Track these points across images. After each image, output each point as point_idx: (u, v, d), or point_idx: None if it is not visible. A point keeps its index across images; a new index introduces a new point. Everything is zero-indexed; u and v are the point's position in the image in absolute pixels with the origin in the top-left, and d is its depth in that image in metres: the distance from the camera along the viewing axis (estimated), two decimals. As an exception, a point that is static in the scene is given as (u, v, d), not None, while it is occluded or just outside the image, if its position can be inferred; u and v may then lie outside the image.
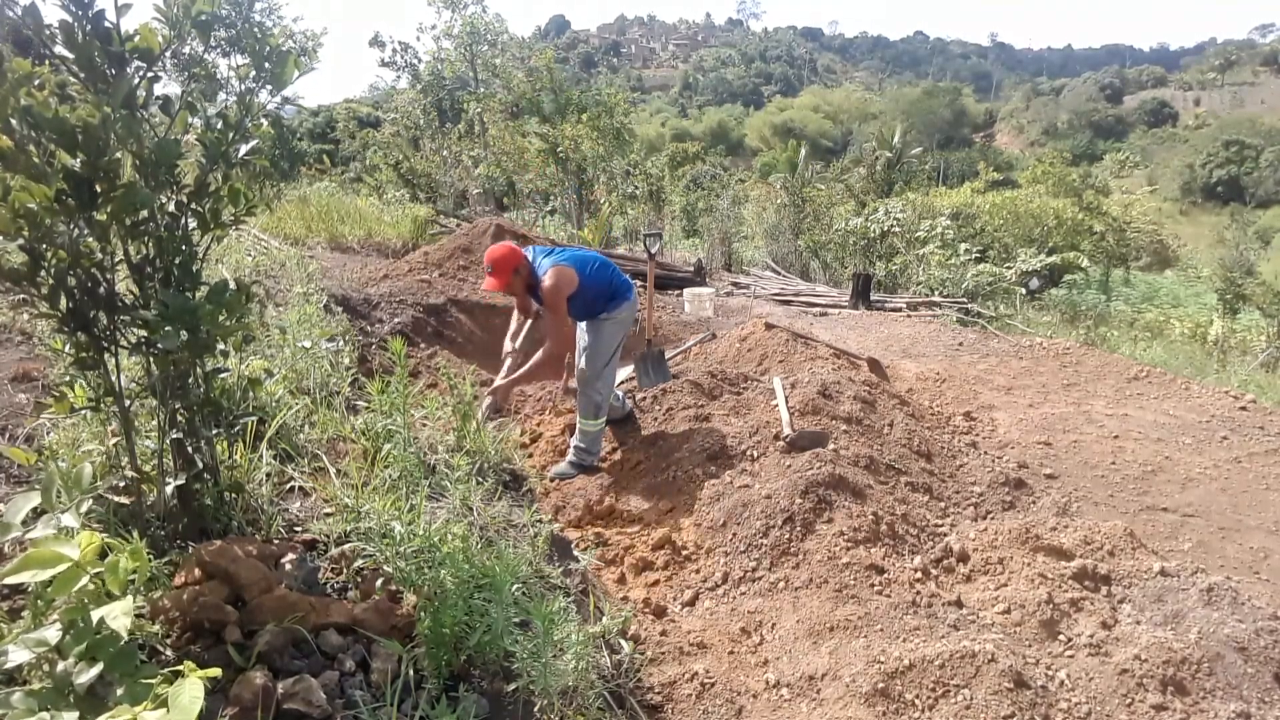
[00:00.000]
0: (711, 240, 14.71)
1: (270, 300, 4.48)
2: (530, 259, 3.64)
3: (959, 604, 2.68)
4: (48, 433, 2.09)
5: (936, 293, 11.47)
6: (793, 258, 15.13)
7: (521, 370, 3.69)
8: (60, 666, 1.20)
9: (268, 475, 2.08)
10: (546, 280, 3.51)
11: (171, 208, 1.63)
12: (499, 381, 3.76)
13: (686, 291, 8.99)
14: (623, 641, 2.23)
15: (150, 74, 1.55)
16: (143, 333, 1.60)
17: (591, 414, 3.80)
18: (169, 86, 1.67)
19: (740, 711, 2.20)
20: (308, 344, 3.13)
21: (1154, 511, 3.89)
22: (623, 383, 4.73)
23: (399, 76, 26.87)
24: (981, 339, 7.75)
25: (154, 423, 1.79)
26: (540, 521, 2.39)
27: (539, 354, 3.61)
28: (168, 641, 1.50)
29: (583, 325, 3.88)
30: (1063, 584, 2.70)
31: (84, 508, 1.47)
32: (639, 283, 6.47)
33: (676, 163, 29.39)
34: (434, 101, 24.35)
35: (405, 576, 1.79)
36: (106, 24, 1.47)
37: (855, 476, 3.38)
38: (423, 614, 1.68)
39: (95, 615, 1.24)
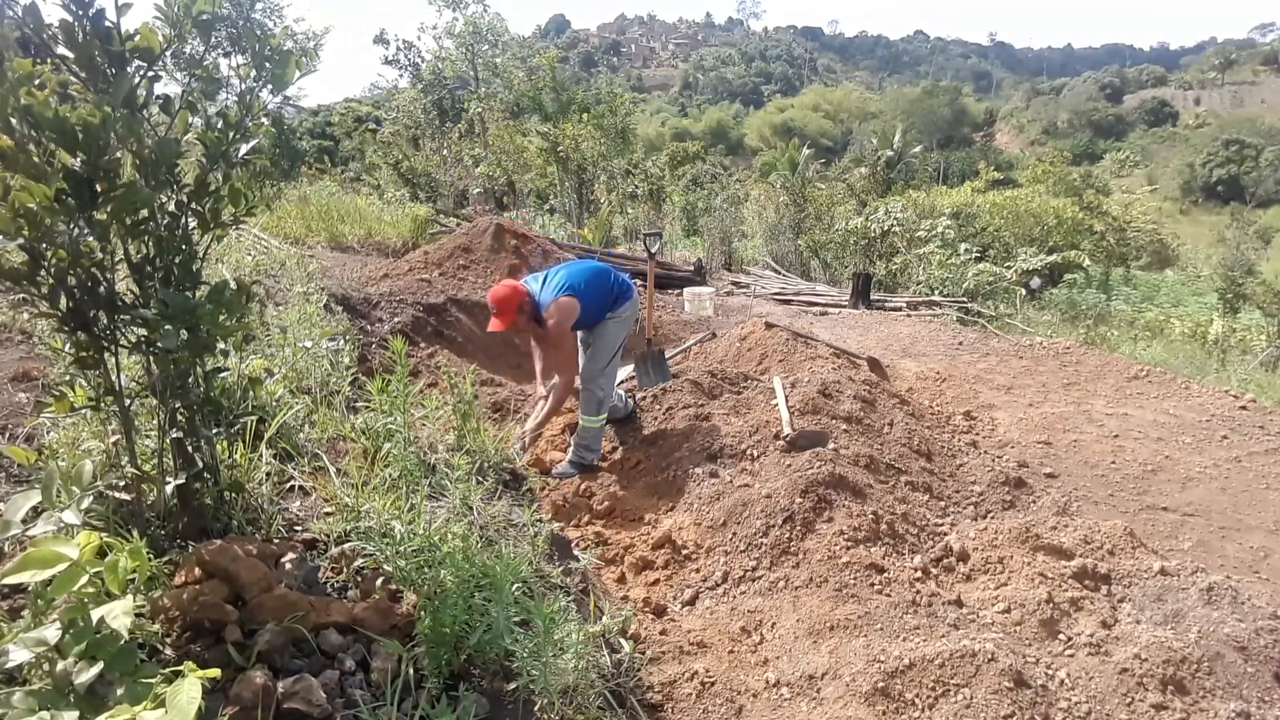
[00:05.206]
0: (711, 240, 14.71)
1: (270, 300, 4.47)
2: (530, 292, 3.72)
3: (959, 603, 2.68)
4: (48, 432, 2.09)
5: (936, 292, 11.48)
6: (793, 257, 15.14)
7: (545, 410, 3.88)
8: (60, 666, 1.20)
9: (268, 475, 2.08)
10: (550, 319, 3.61)
11: (171, 207, 1.63)
12: (529, 425, 3.93)
13: (686, 291, 8.99)
14: (623, 641, 2.23)
15: (151, 73, 1.54)
16: (143, 332, 1.60)
17: (594, 410, 3.83)
18: (169, 86, 1.67)
19: (740, 711, 2.20)
20: (308, 343, 3.12)
21: (1154, 511, 3.89)
22: (623, 382, 4.73)
23: (401, 75, 26.90)
24: (981, 338, 7.75)
25: (154, 422, 1.79)
26: (540, 521, 2.39)
27: (556, 391, 3.81)
28: (167, 641, 1.50)
29: (589, 338, 3.93)
30: (1063, 583, 2.70)
31: (84, 504, 1.47)
32: (639, 282, 6.47)
33: (677, 162, 29.38)
34: (434, 101, 24.36)
35: (405, 576, 1.79)
36: (107, 23, 1.46)
37: (855, 476, 3.38)
38: (423, 613, 1.68)
39: (95, 615, 1.24)
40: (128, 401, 1.69)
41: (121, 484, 1.74)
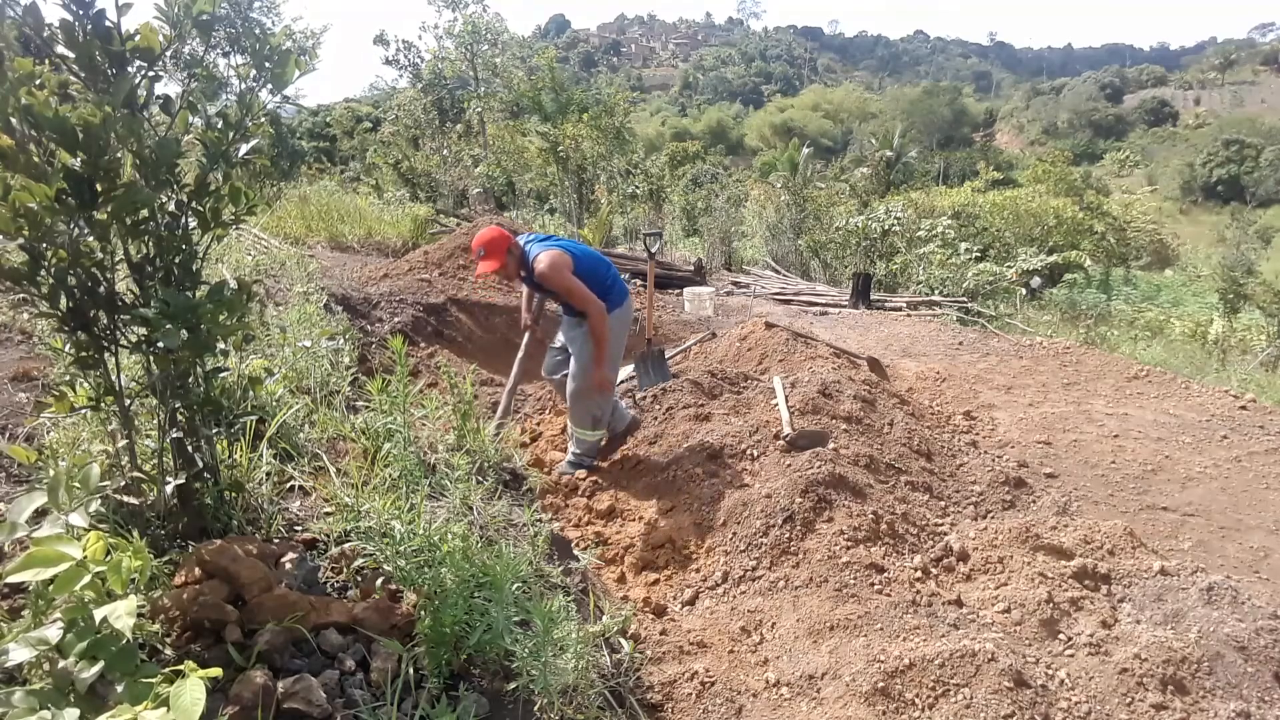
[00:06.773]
0: (711, 240, 14.71)
1: (270, 299, 4.48)
2: (520, 244, 3.54)
3: (959, 603, 2.68)
4: (48, 432, 2.09)
5: (936, 292, 11.48)
6: (793, 257, 15.13)
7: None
8: (61, 665, 1.20)
9: (268, 474, 2.08)
10: (541, 266, 3.38)
11: (172, 207, 1.63)
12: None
13: (686, 291, 8.99)
14: (623, 640, 2.23)
15: (151, 73, 1.55)
16: (143, 332, 1.60)
17: (588, 425, 3.72)
18: (169, 86, 1.68)
19: (740, 711, 2.20)
20: (308, 343, 3.13)
21: (1154, 511, 3.89)
22: (622, 382, 4.73)
23: (400, 75, 26.92)
24: (981, 338, 7.75)
25: (154, 422, 1.79)
26: (540, 521, 2.39)
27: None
28: (168, 641, 1.50)
29: (573, 334, 3.72)
30: (1063, 583, 2.70)
31: (92, 508, 1.47)
32: (638, 282, 6.47)
33: (677, 162, 29.35)
34: (434, 101, 24.37)
35: (405, 576, 1.79)
36: (107, 23, 1.47)
37: (855, 476, 3.38)
38: (423, 613, 1.68)
39: (98, 614, 1.24)
40: (128, 401, 1.69)
41: (124, 484, 1.74)
